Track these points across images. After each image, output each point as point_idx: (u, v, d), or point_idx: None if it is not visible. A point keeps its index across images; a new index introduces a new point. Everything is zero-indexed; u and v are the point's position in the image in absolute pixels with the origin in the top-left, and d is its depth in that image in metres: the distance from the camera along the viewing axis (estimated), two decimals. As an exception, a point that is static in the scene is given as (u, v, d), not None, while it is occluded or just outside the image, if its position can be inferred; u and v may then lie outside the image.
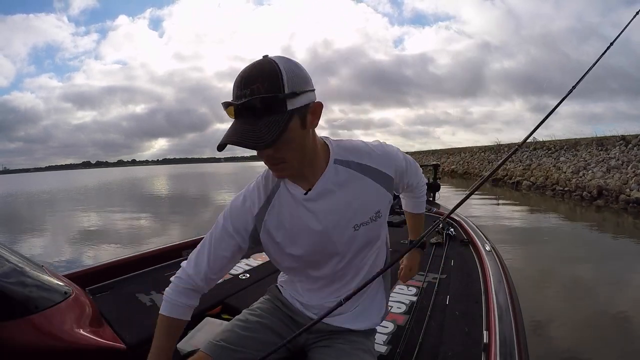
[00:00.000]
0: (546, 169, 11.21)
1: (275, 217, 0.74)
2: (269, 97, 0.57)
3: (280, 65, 0.58)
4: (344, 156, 0.73)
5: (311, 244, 0.74)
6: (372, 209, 0.74)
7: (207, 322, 1.13)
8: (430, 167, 3.39)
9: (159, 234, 6.14)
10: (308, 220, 0.72)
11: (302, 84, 0.60)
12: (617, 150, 9.41)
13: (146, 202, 12.38)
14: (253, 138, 0.57)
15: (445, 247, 1.99)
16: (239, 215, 0.75)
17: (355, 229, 0.73)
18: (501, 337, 0.95)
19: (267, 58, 0.60)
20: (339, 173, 0.72)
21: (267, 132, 0.57)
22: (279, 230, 0.74)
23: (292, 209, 0.72)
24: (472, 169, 17.17)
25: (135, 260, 1.66)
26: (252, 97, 0.57)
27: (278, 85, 0.57)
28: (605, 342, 2.20)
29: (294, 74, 0.59)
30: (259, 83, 0.57)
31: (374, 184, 0.74)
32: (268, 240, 0.76)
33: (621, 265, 3.74)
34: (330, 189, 0.71)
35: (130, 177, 37.23)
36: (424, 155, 28.99)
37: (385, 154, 0.77)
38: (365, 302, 0.86)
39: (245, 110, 0.58)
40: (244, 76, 0.58)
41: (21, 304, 0.87)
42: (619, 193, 7.38)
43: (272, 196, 0.74)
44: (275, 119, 0.58)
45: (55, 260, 4.57)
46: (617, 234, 5.30)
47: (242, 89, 0.58)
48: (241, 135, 0.57)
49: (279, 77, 0.57)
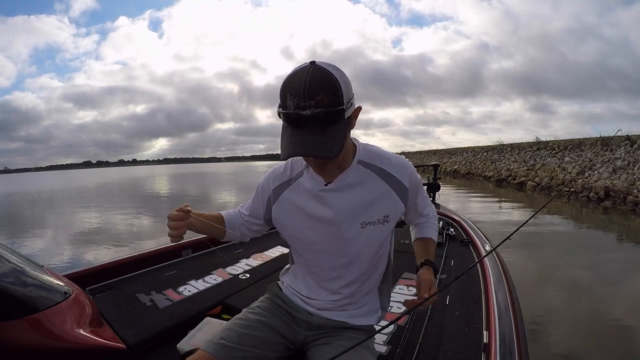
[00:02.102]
0: (551, 170, 11.15)
1: (292, 198, 0.82)
2: (335, 110, 0.62)
3: (336, 76, 0.62)
4: (368, 158, 0.79)
5: (320, 232, 0.79)
6: (382, 212, 0.78)
7: (207, 322, 1.13)
8: (431, 167, 3.38)
9: (159, 234, 6.16)
10: (321, 209, 0.78)
11: (351, 92, 0.65)
12: (623, 151, 9.35)
13: (146, 202, 12.42)
14: (325, 149, 0.62)
15: (445, 247, 1.99)
16: (268, 179, 0.87)
17: (363, 226, 0.77)
18: (501, 337, 0.95)
19: (319, 67, 0.62)
20: (359, 172, 0.77)
21: (335, 141, 0.63)
22: (293, 211, 0.82)
23: (309, 196, 0.79)
24: (474, 169, 17.11)
25: (135, 260, 1.67)
26: (318, 108, 0.60)
27: (339, 97, 0.62)
28: (605, 343, 2.19)
29: (346, 84, 0.64)
30: (322, 94, 0.60)
31: (389, 190, 0.78)
32: (280, 216, 0.84)
33: (626, 268, 3.71)
34: (348, 185, 0.77)
35: (130, 177, 37.39)
36: (425, 155, 28.84)
37: (403, 164, 0.81)
38: (366, 300, 0.88)
39: (310, 121, 0.62)
40: (305, 86, 0.60)
41: (21, 304, 0.87)
42: (627, 194, 7.30)
43: (294, 179, 0.83)
44: (338, 129, 0.63)
45: (55, 260, 4.59)
46: (624, 236, 5.25)
47: (305, 100, 0.60)
48: (312, 147, 0.62)
49: (338, 89, 0.62)
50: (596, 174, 8.85)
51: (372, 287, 0.88)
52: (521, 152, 14.78)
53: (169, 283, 1.54)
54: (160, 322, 1.21)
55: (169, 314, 1.27)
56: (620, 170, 8.49)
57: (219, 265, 1.76)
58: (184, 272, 1.67)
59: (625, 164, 8.61)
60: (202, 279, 1.60)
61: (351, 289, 0.84)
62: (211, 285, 1.54)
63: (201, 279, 1.60)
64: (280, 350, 0.85)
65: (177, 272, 1.67)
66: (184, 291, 1.47)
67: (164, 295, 1.42)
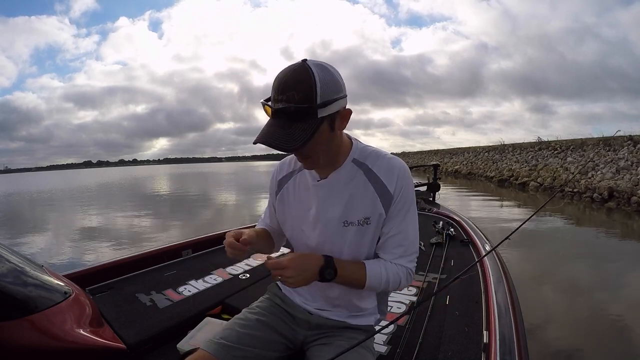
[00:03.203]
0: (553, 170, 11.11)
1: (291, 190, 0.86)
2: (302, 107, 0.63)
3: (315, 75, 0.63)
4: (362, 158, 0.79)
5: (311, 225, 0.81)
6: (362, 214, 0.77)
7: (207, 322, 1.13)
8: (430, 167, 3.39)
9: (159, 235, 6.17)
10: (312, 203, 0.81)
11: (334, 93, 0.65)
12: (626, 151, 9.28)
13: (147, 202, 12.44)
14: (284, 141, 0.64)
15: (445, 247, 1.99)
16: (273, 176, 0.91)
17: (345, 225, 0.78)
18: (501, 337, 0.95)
19: (305, 65, 0.64)
20: (350, 171, 0.78)
21: (297, 137, 0.64)
22: (290, 203, 0.86)
23: (305, 189, 0.83)
24: (476, 169, 17.08)
25: (135, 260, 1.67)
26: (288, 103, 0.63)
27: (311, 96, 0.63)
28: (605, 342, 2.19)
29: (327, 84, 0.64)
30: (294, 91, 0.62)
31: (373, 193, 0.76)
32: (280, 207, 0.88)
33: (629, 269, 3.69)
34: (337, 182, 0.78)
35: (131, 177, 37.46)
36: (426, 155, 28.78)
37: (392, 169, 0.76)
38: (364, 300, 0.87)
39: (280, 114, 0.64)
40: (282, 82, 0.64)
41: (21, 304, 0.87)
42: (631, 195, 7.23)
43: (295, 172, 0.86)
44: (306, 125, 0.64)
45: (55, 260, 4.60)
46: (627, 236, 5.22)
47: (279, 94, 0.63)
48: (274, 138, 0.64)
49: (312, 89, 0.62)
50: (599, 174, 8.79)
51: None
52: (523, 152, 14.74)
53: (169, 283, 1.54)
54: (160, 322, 1.21)
55: (169, 314, 1.27)
56: (623, 170, 8.43)
57: (219, 265, 1.77)
58: (184, 272, 1.67)
59: (628, 164, 8.56)
60: (202, 279, 1.60)
61: (344, 289, 0.82)
62: (211, 285, 1.54)
63: (201, 279, 1.61)
64: (280, 349, 0.85)
65: (177, 272, 1.67)
66: (184, 291, 1.47)
67: (164, 295, 1.42)
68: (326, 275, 0.73)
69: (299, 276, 0.70)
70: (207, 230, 2.34)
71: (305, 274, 0.71)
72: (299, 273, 0.70)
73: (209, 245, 2.03)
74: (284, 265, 0.69)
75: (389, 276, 0.77)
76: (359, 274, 0.76)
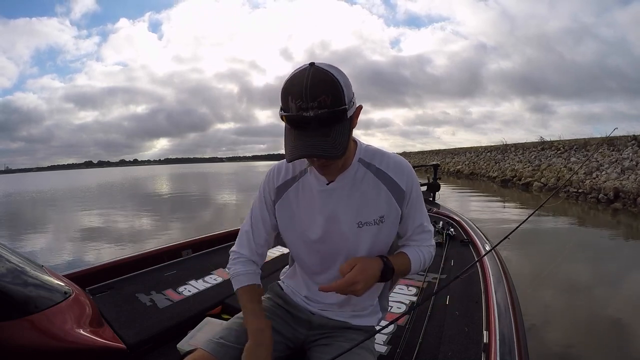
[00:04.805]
0: (557, 170, 11.05)
1: (294, 197, 0.82)
2: (337, 110, 0.62)
3: (336, 76, 0.62)
4: (368, 158, 0.79)
5: (321, 230, 0.79)
6: (377, 213, 0.77)
7: (207, 322, 1.13)
8: (431, 167, 3.38)
9: (159, 234, 6.17)
10: (322, 207, 0.78)
11: (352, 92, 0.66)
12: (630, 151, 9.21)
13: (147, 202, 12.46)
14: (328, 149, 0.62)
15: (445, 247, 1.98)
16: (266, 184, 0.85)
17: (359, 226, 0.77)
18: (501, 337, 0.94)
19: (319, 68, 0.63)
20: (359, 172, 0.78)
21: (339, 142, 0.63)
22: (294, 210, 0.82)
23: (312, 194, 0.80)
24: (478, 169, 17.01)
25: (135, 260, 1.68)
26: (321, 109, 0.61)
27: (341, 98, 0.62)
28: (605, 342, 2.17)
29: (346, 84, 0.64)
30: (324, 95, 0.60)
31: (386, 192, 0.77)
32: (283, 214, 0.83)
33: (631, 269, 3.66)
34: (348, 184, 0.77)
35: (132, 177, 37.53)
36: (427, 155, 28.69)
37: (400, 166, 0.79)
38: (367, 301, 0.88)
39: (314, 122, 0.62)
40: (306, 88, 0.60)
41: (21, 304, 0.88)
42: (637, 195, 7.16)
43: (298, 177, 0.82)
44: (342, 128, 0.64)
45: (56, 260, 4.60)
46: (631, 237, 5.18)
47: (307, 101, 0.60)
48: (318, 148, 0.62)
49: (339, 89, 0.62)
50: (604, 175, 8.71)
51: (372, 288, 0.86)
52: (526, 152, 14.66)
53: (169, 283, 1.54)
54: (160, 322, 1.21)
55: (169, 314, 1.27)
56: (628, 170, 8.35)
57: (219, 265, 1.77)
58: (184, 272, 1.68)
59: (633, 165, 8.48)
60: (202, 279, 1.60)
61: None
62: (211, 285, 1.55)
63: (201, 279, 1.61)
64: (280, 349, 0.85)
65: (177, 272, 1.68)
66: (184, 291, 1.47)
67: (164, 295, 1.42)
68: (387, 276, 0.75)
69: (367, 284, 0.71)
70: (207, 231, 2.35)
71: (372, 281, 0.73)
72: (367, 282, 0.71)
73: (209, 246, 2.03)
74: (356, 281, 0.69)
75: (425, 258, 0.83)
76: (406, 265, 0.80)
